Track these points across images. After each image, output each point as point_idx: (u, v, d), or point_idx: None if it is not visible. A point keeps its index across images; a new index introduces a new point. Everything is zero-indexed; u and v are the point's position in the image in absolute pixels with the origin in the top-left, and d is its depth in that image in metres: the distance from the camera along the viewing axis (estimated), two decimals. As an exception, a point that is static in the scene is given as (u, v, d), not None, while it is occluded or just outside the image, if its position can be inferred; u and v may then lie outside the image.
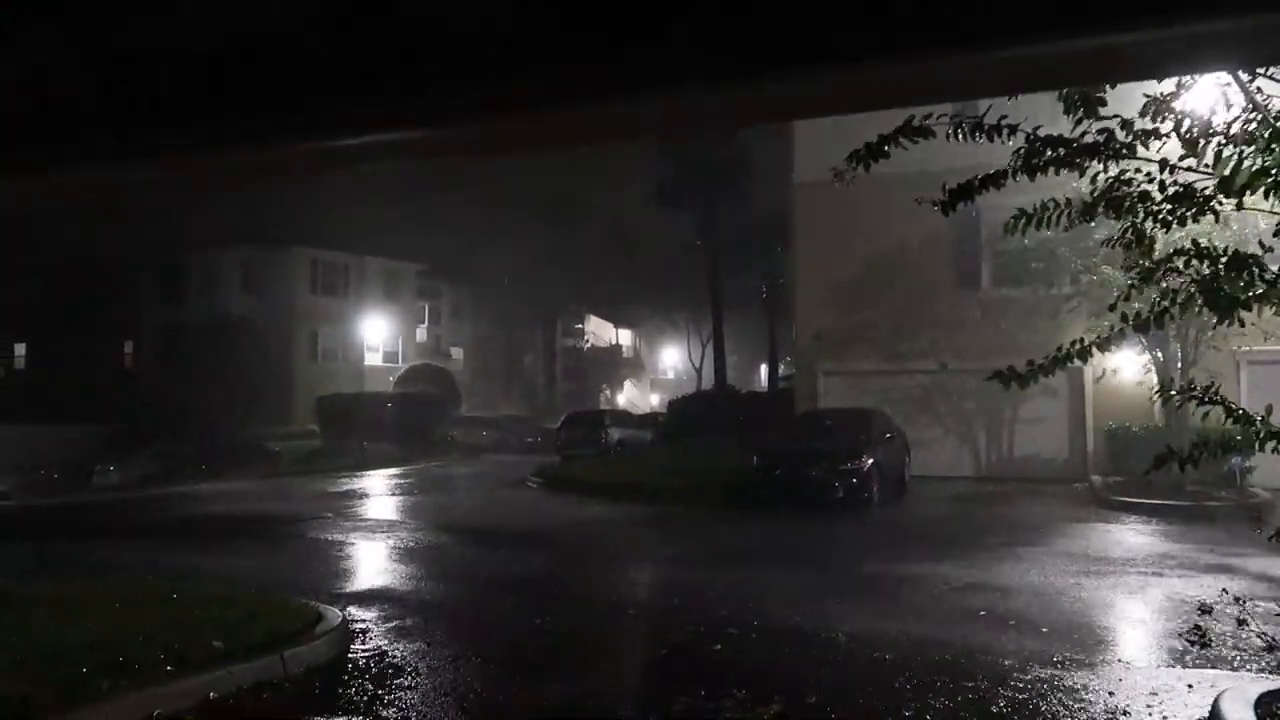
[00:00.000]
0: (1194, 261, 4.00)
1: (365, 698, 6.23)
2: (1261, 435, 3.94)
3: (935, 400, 20.93)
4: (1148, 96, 4.26)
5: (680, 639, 7.60)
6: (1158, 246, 4.43)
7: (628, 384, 57.78)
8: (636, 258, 42.46)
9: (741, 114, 1.05)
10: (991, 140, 4.14)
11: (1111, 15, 0.65)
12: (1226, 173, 3.47)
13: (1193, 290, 3.98)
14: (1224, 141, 3.73)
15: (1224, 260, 3.80)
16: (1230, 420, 4.08)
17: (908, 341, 21.00)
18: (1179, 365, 15.43)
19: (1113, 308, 4.90)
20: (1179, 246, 4.21)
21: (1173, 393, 4.44)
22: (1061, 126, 4.21)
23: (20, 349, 42.71)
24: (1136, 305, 4.31)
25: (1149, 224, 4.19)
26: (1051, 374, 4.29)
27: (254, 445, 28.65)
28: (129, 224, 31.87)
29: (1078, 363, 4.28)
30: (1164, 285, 4.21)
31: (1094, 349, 4.28)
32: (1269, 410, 4.00)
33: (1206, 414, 4.24)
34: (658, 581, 10.95)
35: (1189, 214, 4.00)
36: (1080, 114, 4.00)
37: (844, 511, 15.09)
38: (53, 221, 24.74)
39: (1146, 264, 4.27)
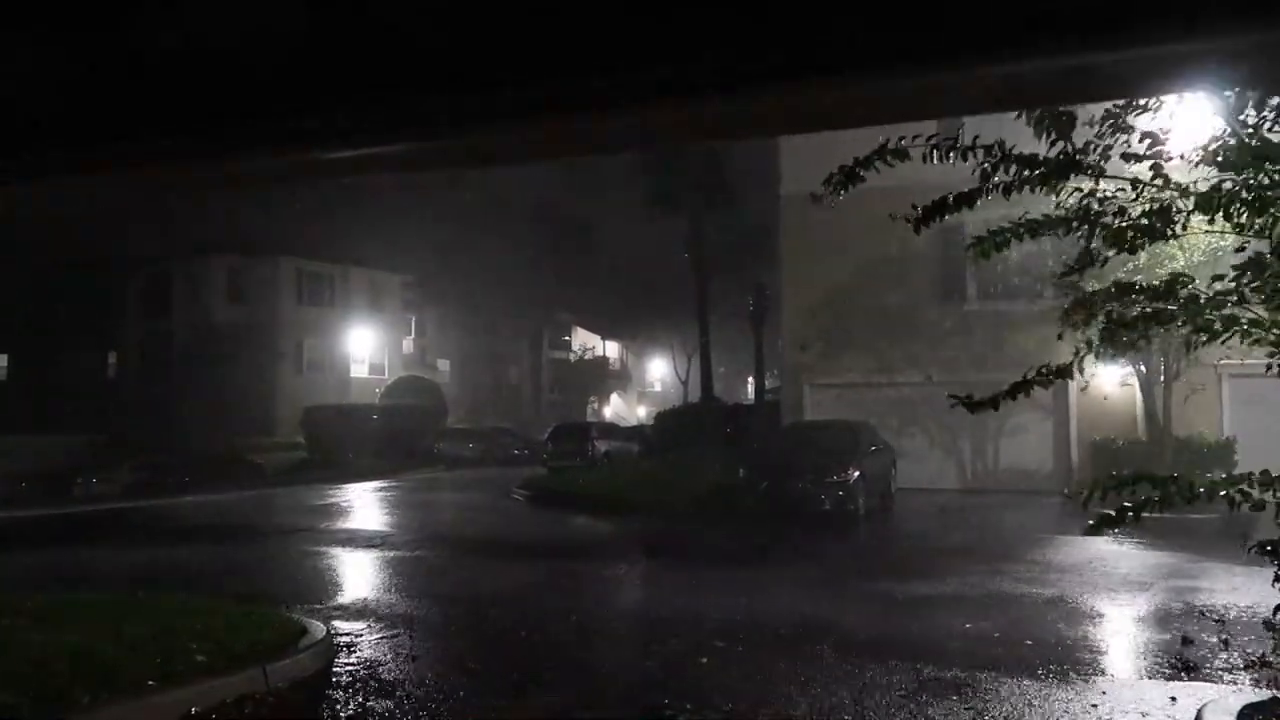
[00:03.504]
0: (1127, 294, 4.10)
1: (349, 712, 6.19)
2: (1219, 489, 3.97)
3: (921, 412, 21.00)
4: (1109, 112, 4.31)
5: (667, 651, 7.59)
6: (1119, 274, 4.53)
7: (615, 396, 57.73)
8: (624, 270, 42.48)
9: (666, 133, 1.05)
10: (965, 160, 4.21)
11: (1089, 34, 0.65)
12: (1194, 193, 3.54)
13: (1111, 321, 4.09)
14: (1195, 162, 3.79)
15: (1152, 290, 3.90)
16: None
17: (894, 353, 21.07)
18: (1161, 378, 15.53)
19: (1060, 336, 4.97)
20: (1116, 280, 4.29)
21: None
22: (1038, 144, 4.26)
23: (1, 360, 42.29)
24: (1092, 332, 4.36)
25: (1107, 246, 4.24)
26: (1015, 399, 4.33)
27: (238, 457, 28.44)
28: (112, 232, 31.66)
29: (1032, 393, 4.31)
30: (1106, 315, 4.27)
31: (1058, 372, 4.31)
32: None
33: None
34: (644, 595, 10.94)
35: (1163, 232, 4.05)
36: (1053, 136, 4.05)
37: (830, 523, 15.10)
38: (34, 230, 24.55)
39: (1079, 295, 4.35)
